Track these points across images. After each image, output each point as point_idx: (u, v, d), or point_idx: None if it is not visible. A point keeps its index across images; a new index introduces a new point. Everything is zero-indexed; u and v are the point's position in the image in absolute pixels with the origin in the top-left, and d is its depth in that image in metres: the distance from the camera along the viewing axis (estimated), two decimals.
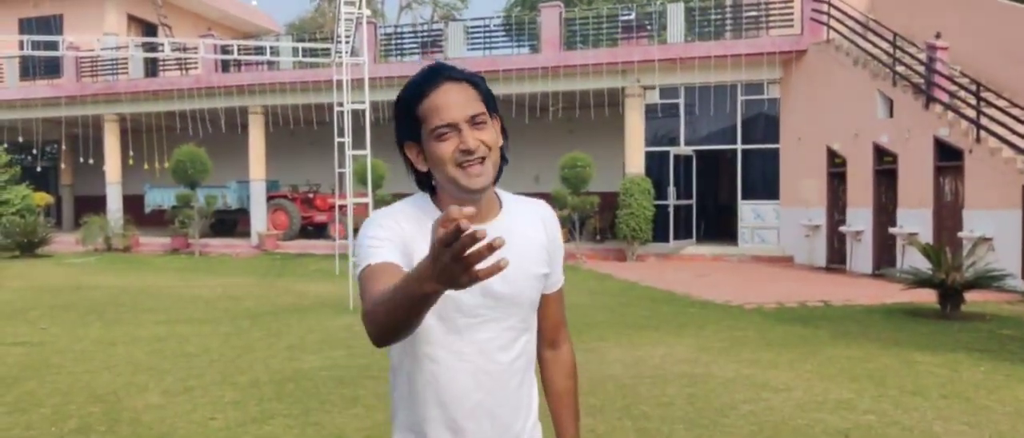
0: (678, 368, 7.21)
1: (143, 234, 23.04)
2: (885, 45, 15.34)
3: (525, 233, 1.81)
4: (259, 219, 22.63)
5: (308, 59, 18.18)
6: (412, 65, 20.48)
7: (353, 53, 14.13)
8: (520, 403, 1.84)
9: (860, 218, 15.39)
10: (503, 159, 1.78)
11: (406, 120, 1.74)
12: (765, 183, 18.68)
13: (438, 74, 1.72)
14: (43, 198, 23.74)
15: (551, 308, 1.94)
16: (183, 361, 7.62)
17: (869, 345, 8.30)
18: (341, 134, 12.52)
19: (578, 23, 20.68)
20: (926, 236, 13.30)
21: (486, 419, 1.78)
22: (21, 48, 20.06)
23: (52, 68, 24.74)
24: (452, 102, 1.68)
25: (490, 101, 1.76)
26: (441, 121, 1.67)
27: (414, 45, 22.00)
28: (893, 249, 14.55)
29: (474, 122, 1.68)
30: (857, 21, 16.50)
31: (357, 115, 12.72)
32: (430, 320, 1.68)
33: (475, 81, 1.74)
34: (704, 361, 7.51)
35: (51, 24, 25.97)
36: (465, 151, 1.66)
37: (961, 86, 14.30)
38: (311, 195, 23.90)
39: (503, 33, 22.41)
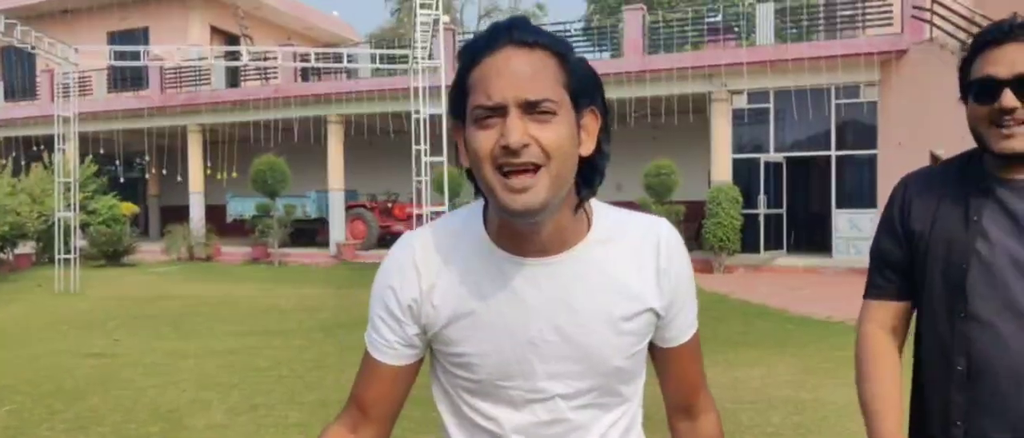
0: (781, 392, 6.56)
1: (224, 243, 23.21)
2: None
3: (614, 274, 1.26)
4: (338, 229, 22.53)
5: (385, 67, 17.97)
6: None
7: (430, 59, 13.80)
8: None
9: None
10: (594, 172, 1.23)
11: (456, 91, 1.21)
12: (861, 191, 17.67)
13: (502, 33, 1.16)
14: (129, 208, 24.08)
15: (683, 364, 1.37)
16: (252, 376, 7.30)
17: None
18: (418, 142, 12.16)
19: (662, 26, 20.00)
20: None
21: None
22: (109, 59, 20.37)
23: (138, 80, 25.22)
24: (506, 74, 1.13)
25: (582, 84, 1.18)
26: (484, 99, 1.13)
27: None
28: None
29: (532, 110, 1.12)
30: (962, 17, 15.46)
31: (434, 123, 12.37)
32: (474, 387, 1.33)
33: (558, 50, 1.17)
34: (810, 384, 6.83)
35: (138, 37, 26.49)
36: (505, 148, 1.11)
37: None
38: (390, 204, 23.73)
39: (584, 38, 21.89)
